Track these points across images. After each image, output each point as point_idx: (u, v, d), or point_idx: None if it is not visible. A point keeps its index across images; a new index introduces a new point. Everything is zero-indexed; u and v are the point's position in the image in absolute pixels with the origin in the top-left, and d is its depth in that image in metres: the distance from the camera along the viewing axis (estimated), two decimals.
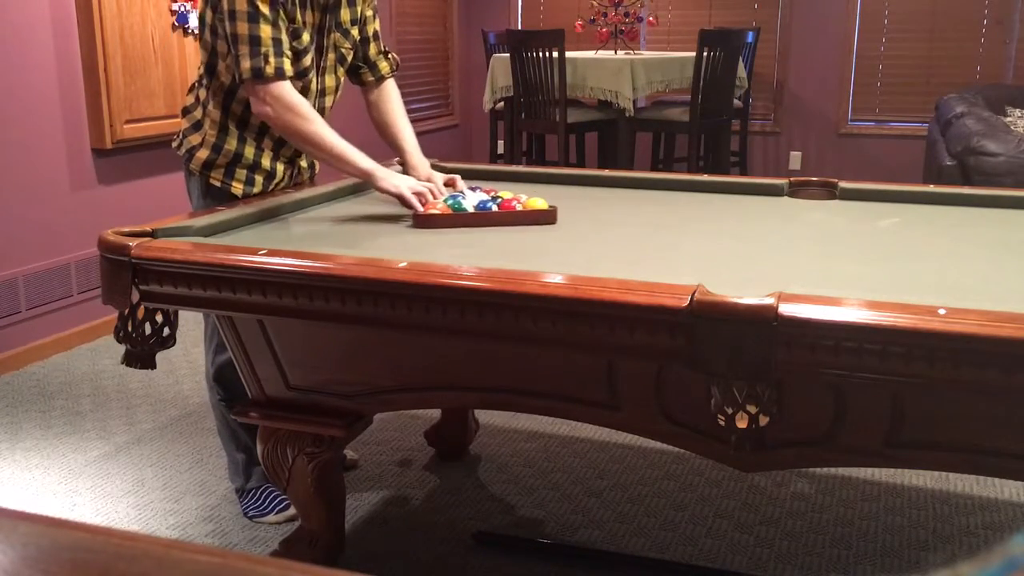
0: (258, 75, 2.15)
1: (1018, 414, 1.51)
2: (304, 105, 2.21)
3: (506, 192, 2.21)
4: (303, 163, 2.51)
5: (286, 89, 2.19)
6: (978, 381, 1.36)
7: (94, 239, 1.92)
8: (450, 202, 2.12)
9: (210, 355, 2.46)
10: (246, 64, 2.15)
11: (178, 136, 2.44)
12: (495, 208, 2.13)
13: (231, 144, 2.33)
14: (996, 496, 2.61)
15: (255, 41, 2.14)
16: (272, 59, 2.15)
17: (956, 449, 1.58)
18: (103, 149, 3.88)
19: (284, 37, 2.19)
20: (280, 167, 2.41)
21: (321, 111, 2.40)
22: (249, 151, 2.35)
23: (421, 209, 2.16)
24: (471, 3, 7.24)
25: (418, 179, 2.31)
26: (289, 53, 2.21)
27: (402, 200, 2.19)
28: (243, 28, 2.14)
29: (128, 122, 3.93)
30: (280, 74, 2.17)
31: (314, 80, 2.36)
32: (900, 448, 1.59)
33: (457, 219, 2.10)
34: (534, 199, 2.14)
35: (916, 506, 2.56)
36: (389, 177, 2.23)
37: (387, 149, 2.59)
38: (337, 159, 2.24)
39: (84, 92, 3.81)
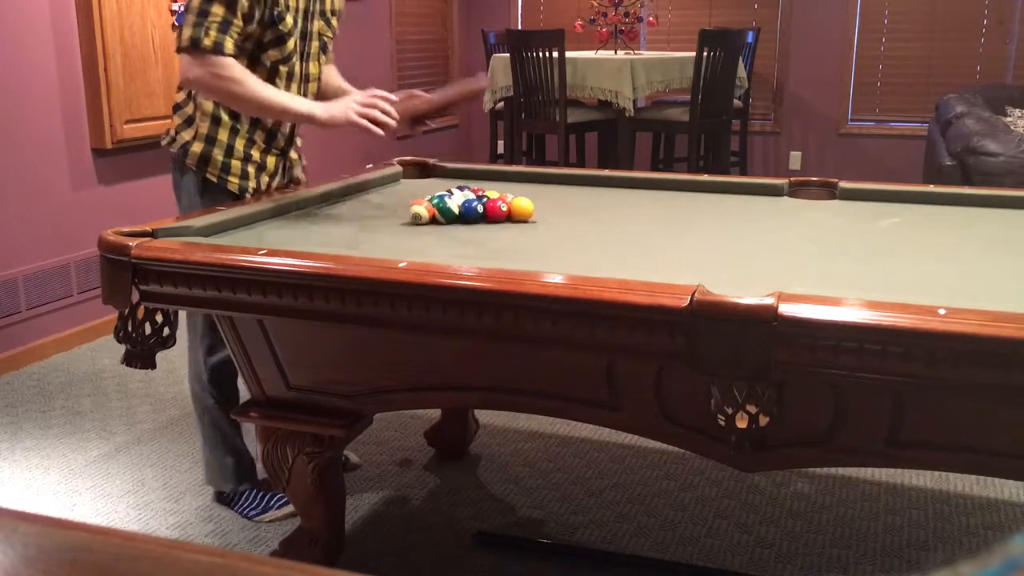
0: (195, 44, 2.14)
1: (1018, 414, 1.51)
2: (236, 67, 2.18)
3: (493, 191, 2.21)
4: (293, 155, 2.51)
5: (222, 58, 2.16)
6: (978, 381, 1.36)
7: (94, 239, 1.92)
8: (435, 202, 2.12)
9: (200, 357, 2.43)
10: (187, 32, 2.15)
11: (168, 134, 2.43)
12: (481, 208, 2.13)
13: (223, 135, 2.33)
14: (996, 496, 2.61)
15: (203, 14, 2.14)
16: (213, 32, 2.14)
17: (956, 449, 1.58)
18: (103, 149, 3.88)
19: (237, 21, 2.17)
20: (271, 160, 2.41)
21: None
22: (240, 143, 2.34)
23: (374, 127, 2.16)
24: (471, 3, 7.24)
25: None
26: (236, 35, 2.18)
27: (353, 126, 2.17)
28: (197, 1, 2.15)
29: (128, 122, 3.93)
30: (218, 48, 2.14)
31: (297, 65, 2.36)
32: (900, 448, 1.59)
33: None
34: (520, 198, 2.15)
35: (916, 506, 2.56)
36: (330, 109, 2.20)
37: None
38: (274, 109, 2.23)
39: (84, 92, 3.81)
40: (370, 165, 2.75)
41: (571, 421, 2.89)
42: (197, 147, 2.33)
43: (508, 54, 5.51)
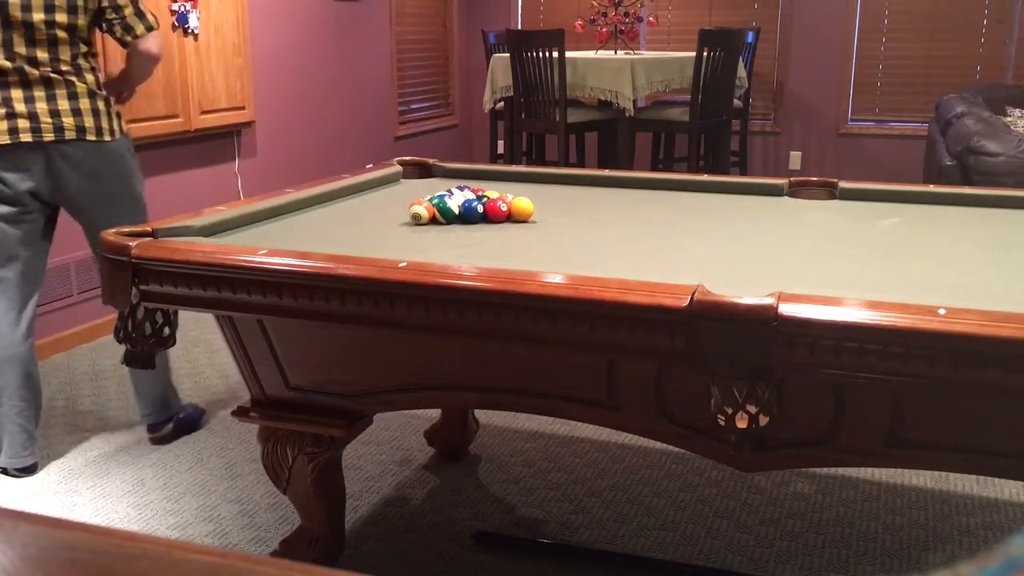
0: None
1: (1018, 414, 1.51)
2: None
3: (493, 191, 2.21)
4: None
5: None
6: (978, 381, 1.36)
7: None
8: (435, 201, 2.12)
9: None
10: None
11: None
12: (481, 208, 2.13)
13: None
14: (996, 496, 2.61)
15: None
16: None
17: (956, 449, 1.58)
18: None
19: None
20: None
21: None
22: None
23: None
24: (471, 3, 7.24)
25: None
26: None
27: None
28: None
29: (128, 122, 3.91)
30: None
31: None
32: (900, 448, 1.59)
33: None
34: (520, 198, 2.15)
35: (916, 506, 2.56)
36: None
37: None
38: None
39: None
40: (370, 165, 2.75)
41: (571, 421, 2.89)
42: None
43: (508, 54, 5.51)
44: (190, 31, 4.19)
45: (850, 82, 6.48)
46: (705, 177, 2.62)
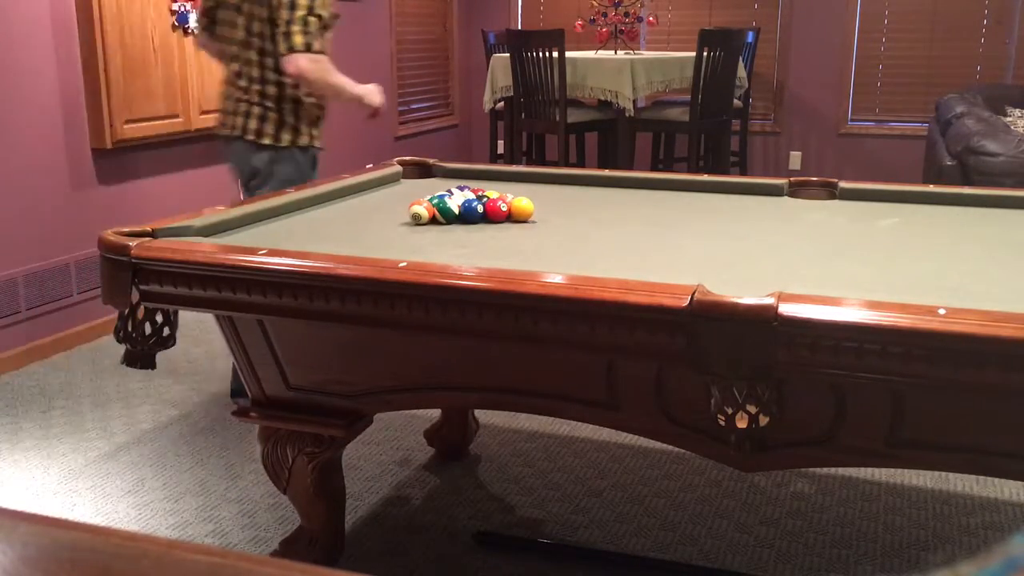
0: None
1: (1018, 414, 1.51)
2: None
3: (493, 191, 2.21)
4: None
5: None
6: (978, 381, 1.36)
7: (94, 239, 1.92)
8: (435, 201, 2.12)
9: None
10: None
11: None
12: (481, 208, 2.13)
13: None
14: (996, 496, 2.61)
15: None
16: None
17: (956, 449, 1.58)
18: (103, 149, 3.88)
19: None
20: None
21: None
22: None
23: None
24: (471, 3, 7.24)
25: None
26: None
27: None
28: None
29: (128, 122, 3.92)
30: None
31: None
32: (900, 448, 1.59)
33: None
34: (520, 198, 2.15)
35: (916, 506, 2.56)
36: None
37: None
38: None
39: (84, 92, 3.81)
40: (370, 165, 2.75)
41: (571, 421, 2.89)
42: None
43: (508, 54, 5.51)
44: (190, 31, 4.19)
45: (850, 82, 6.48)
46: (705, 177, 2.62)
